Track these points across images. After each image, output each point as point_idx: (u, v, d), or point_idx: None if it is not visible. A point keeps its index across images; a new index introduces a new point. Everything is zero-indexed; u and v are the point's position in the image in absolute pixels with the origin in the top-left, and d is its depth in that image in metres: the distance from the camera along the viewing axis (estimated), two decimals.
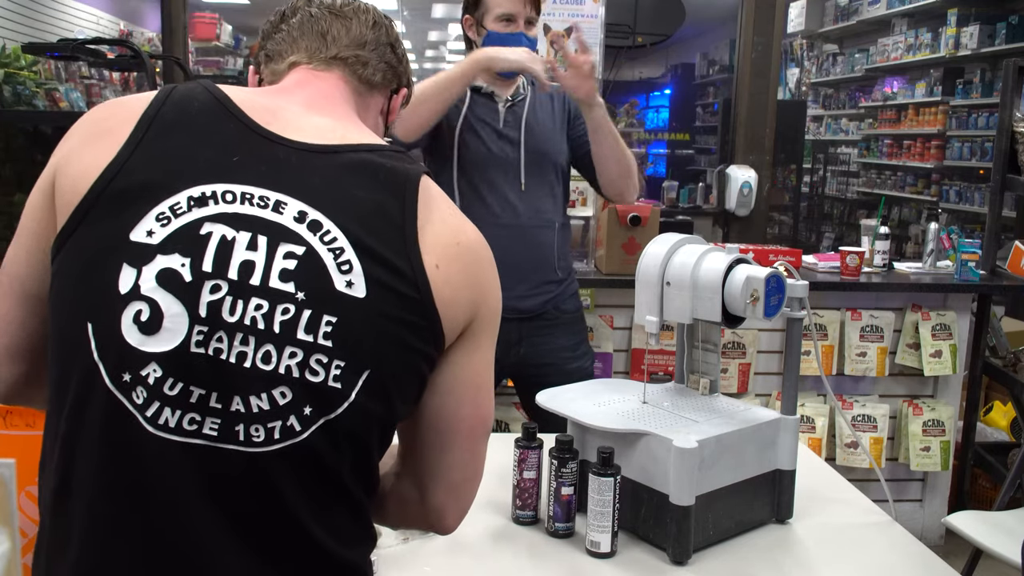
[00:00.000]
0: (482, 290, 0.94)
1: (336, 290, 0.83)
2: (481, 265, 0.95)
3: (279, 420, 0.82)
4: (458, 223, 0.94)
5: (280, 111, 0.93)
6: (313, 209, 0.85)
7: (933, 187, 6.88)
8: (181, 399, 0.81)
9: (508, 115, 2.23)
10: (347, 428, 0.85)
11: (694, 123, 8.26)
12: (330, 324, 0.83)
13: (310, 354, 0.82)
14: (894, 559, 1.40)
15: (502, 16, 2.17)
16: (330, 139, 0.91)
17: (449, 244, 0.91)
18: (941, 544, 3.07)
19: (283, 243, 0.83)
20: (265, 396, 0.82)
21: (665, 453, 1.32)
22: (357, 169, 0.90)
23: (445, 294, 0.89)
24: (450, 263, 0.90)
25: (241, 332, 0.81)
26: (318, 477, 0.86)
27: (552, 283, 2.27)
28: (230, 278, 0.82)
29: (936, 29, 6.63)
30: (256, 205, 0.84)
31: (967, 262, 3.07)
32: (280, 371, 0.82)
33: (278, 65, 1.02)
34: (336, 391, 0.83)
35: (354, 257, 0.85)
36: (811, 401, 3.12)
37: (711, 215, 4.36)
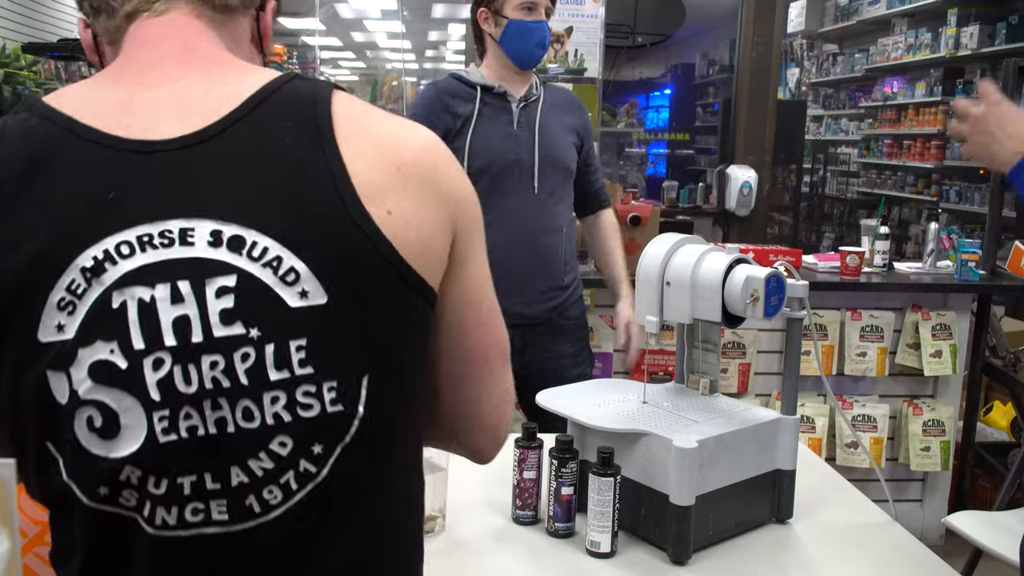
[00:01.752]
0: (449, 203, 0.79)
1: (292, 308, 0.70)
2: (437, 174, 0.78)
3: (290, 470, 0.72)
4: (392, 136, 0.77)
5: (135, 101, 0.73)
6: (225, 223, 0.70)
7: (933, 187, 6.88)
8: (173, 494, 0.70)
9: (522, 116, 2.21)
10: (371, 438, 0.75)
11: (694, 123, 8.26)
12: (301, 348, 0.70)
13: (294, 390, 0.71)
14: (894, 559, 1.40)
15: (526, 3, 2.14)
16: (208, 113, 0.73)
17: (390, 171, 0.75)
18: (941, 544, 3.07)
19: (209, 279, 0.69)
20: (264, 455, 0.71)
21: (665, 453, 1.32)
22: (256, 138, 0.73)
23: (413, 241, 0.74)
24: (402, 198, 0.75)
25: (207, 399, 0.69)
26: (357, 500, 0.76)
27: (559, 288, 2.26)
28: (168, 346, 0.68)
29: (936, 29, 6.63)
30: (160, 245, 0.69)
31: (967, 262, 3.07)
32: (269, 422, 0.70)
33: (111, 20, 0.80)
34: (340, 415, 0.72)
35: (296, 261, 0.70)
36: (811, 401, 3.12)
37: (711, 215, 4.36)
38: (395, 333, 0.76)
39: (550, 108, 2.24)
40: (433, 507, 1.41)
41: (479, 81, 2.21)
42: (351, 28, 8.37)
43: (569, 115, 2.29)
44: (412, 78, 7.08)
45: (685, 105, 8.37)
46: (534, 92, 2.24)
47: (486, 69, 2.24)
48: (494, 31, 2.18)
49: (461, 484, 1.52)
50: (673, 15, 5.62)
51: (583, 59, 3.77)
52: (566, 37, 3.74)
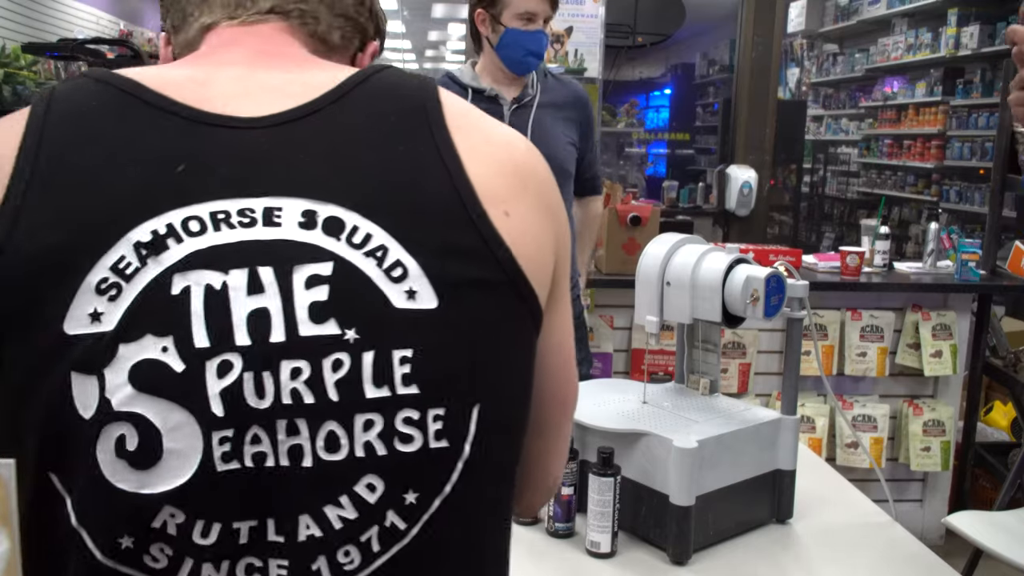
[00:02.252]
0: (555, 220, 0.69)
1: (397, 309, 0.57)
2: (546, 185, 0.69)
3: (375, 525, 0.57)
4: (501, 133, 0.68)
5: (213, 79, 0.64)
6: (320, 203, 0.58)
7: (933, 187, 6.88)
8: (225, 546, 0.55)
9: (513, 119, 2.19)
10: (474, 487, 0.61)
11: (694, 123, 8.27)
12: (406, 361, 0.57)
13: (393, 414, 0.57)
14: (894, 559, 1.39)
15: (524, 14, 2.13)
16: (300, 96, 0.63)
17: (507, 171, 0.65)
18: (941, 544, 3.07)
19: (298, 266, 0.56)
20: (347, 500, 0.56)
21: (665, 453, 1.32)
22: (356, 119, 0.62)
23: (529, 251, 0.63)
24: (518, 199, 0.64)
25: (284, 419, 0.55)
26: (449, 570, 0.63)
27: None
28: (240, 346, 0.55)
29: (936, 29, 6.63)
30: (239, 225, 0.56)
31: (967, 262, 3.07)
32: (358, 455, 0.56)
33: (186, 33, 0.71)
34: (443, 453, 0.59)
35: (404, 254, 0.58)
36: (811, 401, 3.12)
37: (711, 215, 4.37)
38: (507, 357, 0.63)
39: (546, 108, 2.23)
40: None
41: (470, 83, 2.20)
42: None
43: (568, 111, 2.27)
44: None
45: (685, 105, 8.37)
46: (529, 92, 2.23)
47: (481, 69, 2.23)
48: (491, 36, 2.17)
49: None
50: (673, 15, 5.62)
51: (583, 59, 3.77)
52: (566, 37, 3.74)
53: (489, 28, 2.17)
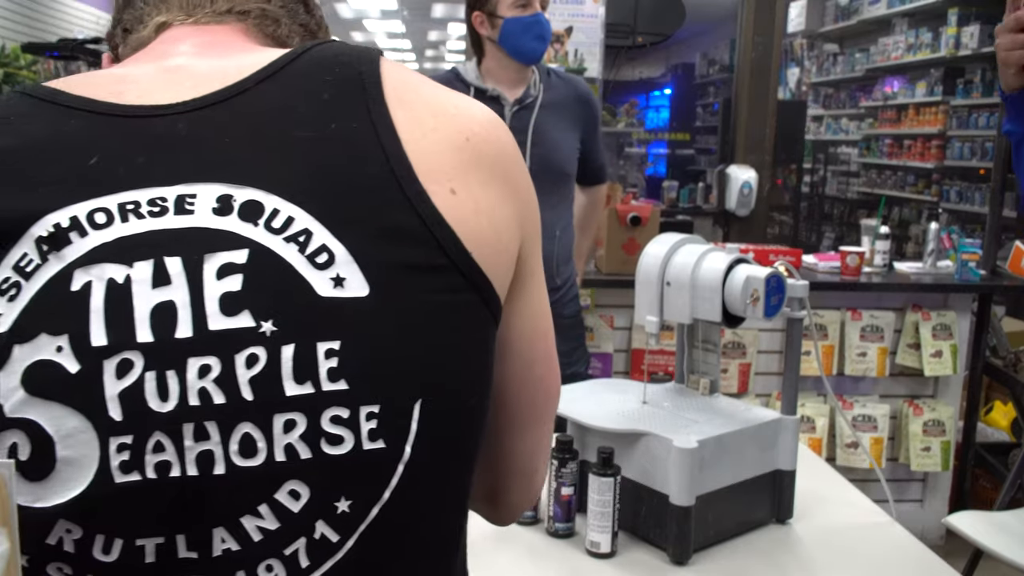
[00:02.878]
0: (519, 197, 0.63)
1: (322, 298, 0.52)
2: (507, 158, 0.63)
3: (300, 538, 0.52)
4: (454, 105, 0.62)
5: (133, 73, 0.60)
6: (238, 186, 0.53)
7: (933, 187, 6.88)
8: (129, 564, 0.50)
9: (515, 120, 2.18)
10: (418, 494, 0.56)
11: (694, 123, 8.27)
12: (333, 354, 0.51)
13: (319, 413, 0.51)
14: (894, 559, 1.39)
15: (519, 1, 2.12)
16: (229, 79, 0.59)
17: (456, 146, 0.59)
18: (941, 544, 3.07)
19: (210, 255, 0.51)
20: (266, 509, 0.51)
21: (665, 453, 1.32)
22: (286, 97, 0.58)
23: (482, 233, 0.58)
24: (471, 178, 0.59)
25: (190, 423, 0.49)
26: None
27: (549, 291, 2.25)
28: (142, 342, 0.49)
29: (936, 29, 6.63)
30: (148, 215, 0.52)
31: (967, 262, 3.07)
32: (278, 459, 0.51)
33: (139, 33, 0.67)
34: (380, 455, 0.53)
35: (330, 238, 0.53)
36: (811, 401, 3.12)
37: (711, 215, 4.37)
38: (455, 347, 0.57)
39: (549, 108, 2.21)
40: None
41: (473, 82, 2.20)
42: (351, 28, 8.37)
43: (571, 110, 2.26)
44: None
45: (685, 105, 8.38)
46: (531, 92, 2.22)
47: (484, 71, 2.22)
48: (491, 33, 2.16)
49: None
50: (673, 15, 5.61)
51: (583, 59, 3.77)
52: (566, 37, 3.75)
53: (488, 26, 2.16)
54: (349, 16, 8.09)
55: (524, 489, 0.73)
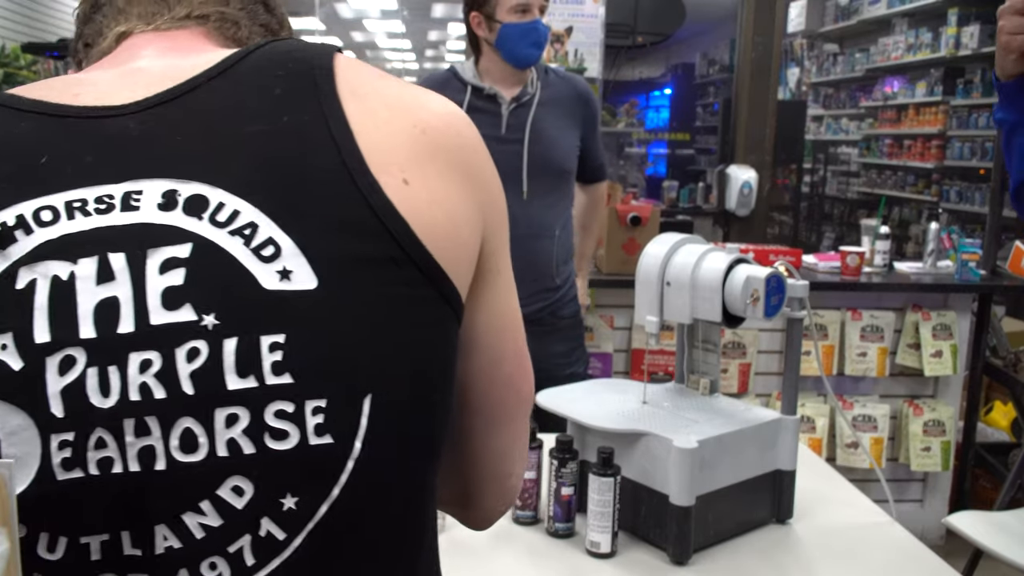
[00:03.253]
0: (480, 189, 0.62)
1: (267, 291, 0.51)
2: (466, 150, 0.63)
3: (246, 534, 0.51)
4: (412, 99, 0.61)
5: (90, 76, 0.61)
6: (183, 181, 0.53)
7: (933, 187, 6.88)
8: (75, 562, 0.49)
9: (512, 119, 2.17)
10: (371, 493, 0.54)
11: (694, 123, 8.27)
12: (277, 348, 0.51)
13: (262, 407, 0.50)
14: (894, 559, 1.39)
15: (518, 6, 2.11)
16: (179, 78, 0.59)
17: (410, 137, 0.59)
18: (941, 544, 3.07)
19: (153, 250, 0.51)
20: (208, 505, 0.50)
21: (665, 453, 1.32)
22: (237, 93, 0.58)
23: (436, 224, 0.57)
24: (423, 165, 0.58)
25: (131, 418, 0.49)
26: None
27: (549, 290, 2.25)
28: (85, 338, 0.49)
29: (936, 29, 6.63)
30: (94, 212, 0.52)
31: (967, 262, 3.07)
32: (220, 454, 0.50)
33: (100, 45, 0.68)
34: (328, 451, 0.52)
35: (276, 231, 0.53)
36: (811, 401, 3.12)
37: (711, 215, 4.37)
38: (409, 341, 0.56)
39: (547, 106, 2.21)
40: None
41: (471, 80, 2.19)
42: (351, 28, 8.38)
43: (570, 108, 2.25)
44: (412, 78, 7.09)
45: (685, 105, 8.38)
46: (529, 91, 2.21)
47: (482, 69, 2.22)
48: (488, 35, 2.15)
49: None
50: (673, 15, 5.62)
51: (583, 59, 3.77)
52: (566, 37, 3.75)
53: (485, 28, 2.15)
54: (349, 16, 8.10)
55: (498, 493, 0.72)
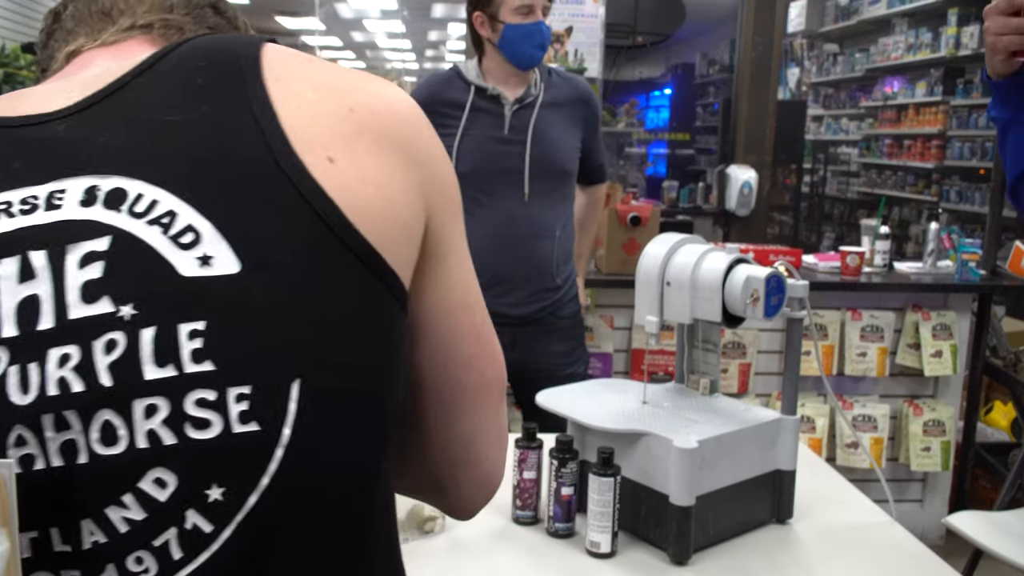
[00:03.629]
0: (420, 166, 0.61)
1: (186, 278, 0.51)
2: (403, 127, 0.61)
3: (171, 528, 0.49)
4: (343, 81, 0.61)
5: (32, 92, 0.62)
6: (106, 176, 0.53)
7: (933, 187, 6.88)
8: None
9: (514, 120, 2.17)
10: (308, 480, 0.53)
11: (694, 123, 8.27)
12: (197, 335, 0.50)
13: (182, 396, 0.49)
14: (894, 559, 1.39)
15: (522, 7, 2.11)
16: (111, 79, 0.59)
17: (338, 116, 0.58)
18: (941, 544, 3.07)
19: (72, 245, 0.51)
20: (131, 499, 0.49)
21: (665, 453, 1.32)
22: (161, 87, 0.58)
23: (367, 202, 0.56)
24: (351, 143, 0.57)
25: (50, 413, 0.48)
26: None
27: (549, 291, 2.24)
28: (7, 337, 0.49)
29: (936, 29, 6.63)
30: (18, 213, 0.52)
31: (967, 262, 3.07)
32: (140, 446, 0.49)
33: (53, 67, 0.70)
34: (254, 438, 0.50)
35: (196, 217, 0.52)
36: (811, 401, 3.12)
37: (711, 215, 4.37)
38: (340, 323, 0.54)
39: (549, 107, 2.21)
40: (433, 507, 1.41)
41: (474, 80, 2.19)
42: (351, 28, 8.38)
43: (572, 109, 2.25)
44: (412, 78, 7.09)
45: (685, 105, 8.38)
46: (532, 92, 2.21)
47: (484, 69, 2.22)
48: (491, 35, 2.15)
49: None
50: (673, 15, 5.62)
51: (583, 59, 3.77)
52: (566, 37, 3.75)
53: (489, 29, 2.15)
54: (349, 16, 8.10)
55: (472, 480, 0.70)
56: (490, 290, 2.23)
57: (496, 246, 2.15)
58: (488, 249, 2.16)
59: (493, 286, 2.18)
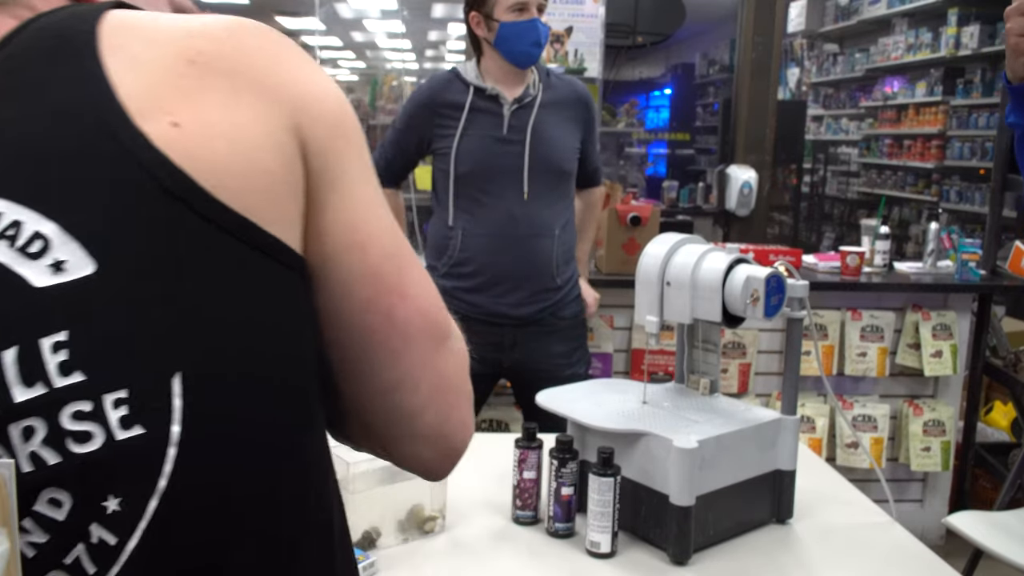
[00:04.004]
0: (284, 100, 0.55)
1: (39, 290, 0.47)
2: (258, 60, 0.55)
3: (79, 544, 0.47)
4: (183, 30, 0.54)
5: None
6: None
7: (933, 187, 6.88)
8: None
9: (513, 119, 2.19)
10: (215, 484, 0.50)
11: (694, 123, 8.27)
12: (61, 347, 0.47)
13: (57, 413, 0.46)
14: (894, 559, 1.39)
15: (516, 5, 2.12)
16: None
17: (177, 70, 0.52)
18: (941, 544, 3.07)
19: None
20: (31, 523, 0.47)
21: (665, 453, 1.32)
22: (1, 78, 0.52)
23: (221, 160, 0.51)
24: (199, 101, 0.52)
25: None
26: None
27: (550, 291, 2.25)
28: None
29: (936, 29, 6.63)
30: None
31: (967, 262, 3.07)
32: (26, 470, 0.46)
33: None
34: (142, 441, 0.48)
35: (43, 222, 0.48)
36: (811, 401, 3.12)
37: (711, 215, 4.37)
38: (218, 305, 0.50)
39: (548, 107, 2.22)
40: (433, 507, 1.41)
41: (473, 80, 2.20)
42: (351, 28, 8.38)
43: (570, 111, 2.26)
44: (412, 78, 7.08)
45: (685, 105, 8.38)
46: (530, 92, 2.22)
47: (483, 70, 2.23)
48: (487, 35, 2.17)
49: (461, 484, 1.52)
50: (673, 15, 5.62)
51: (583, 59, 3.77)
52: (566, 37, 3.74)
53: (485, 28, 2.17)
54: (349, 16, 8.10)
55: (414, 437, 0.63)
56: (491, 290, 2.27)
57: (496, 246, 2.16)
58: (488, 249, 2.16)
59: (493, 286, 2.19)
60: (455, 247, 2.18)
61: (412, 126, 2.23)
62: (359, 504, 1.33)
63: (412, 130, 2.24)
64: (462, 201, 2.17)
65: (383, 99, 5.65)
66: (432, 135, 2.20)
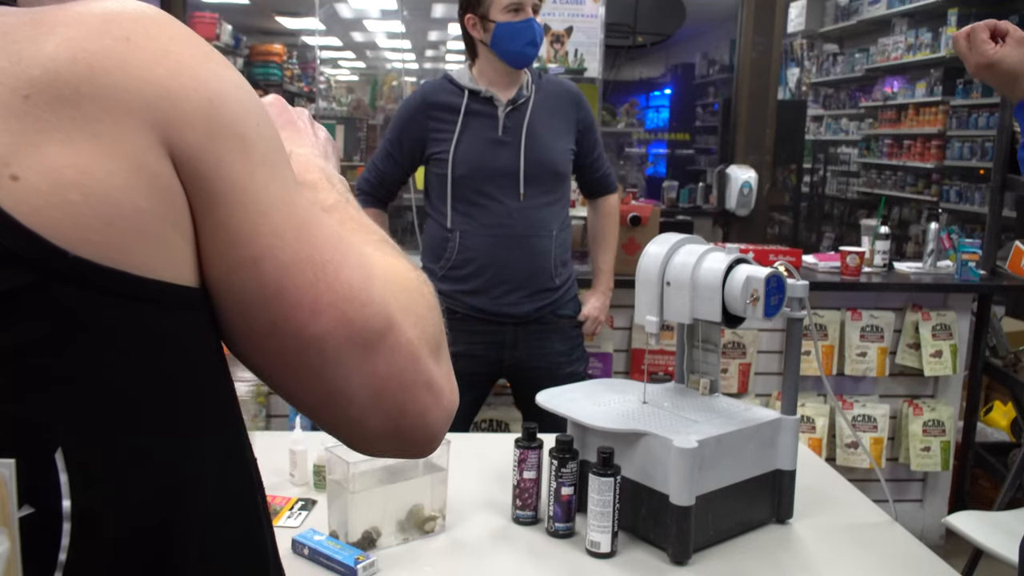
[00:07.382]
0: (148, 110, 0.47)
1: None
2: (103, 73, 0.46)
3: None
4: (16, 54, 0.46)
5: None
6: None
7: (933, 187, 6.88)
8: None
9: (508, 121, 2.20)
10: (107, 555, 0.48)
11: (694, 123, 8.26)
12: None
13: None
14: (894, 559, 1.39)
15: (511, 5, 2.13)
16: None
17: (10, 113, 0.44)
18: (941, 544, 3.07)
19: None
20: None
21: (665, 453, 1.32)
22: None
23: (74, 210, 0.44)
24: (37, 143, 0.45)
25: None
26: None
27: (549, 290, 2.26)
28: None
29: (936, 29, 6.63)
30: None
31: (967, 262, 3.07)
32: None
33: None
34: (35, 519, 0.45)
35: None
36: (811, 401, 3.12)
37: (711, 215, 4.36)
38: (97, 373, 0.46)
39: (542, 108, 2.23)
40: (433, 507, 1.41)
41: (467, 84, 2.21)
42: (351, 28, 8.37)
43: (564, 111, 2.27)
44: (412, 78, 7.09)
45: (685, 105, 8.37)
46: (523, 94, 2.23)
47: (478, 72, 2.23)
48: (483, 36, 2.17)
49: (461, 484, 1.52)
50: (673, 15, 5.62)
51: (583, 59, 3.77)
52: (566, 37, 3.74)
53: (480, 30, 2.18)
54: (349, 16, 8.09)
55: (368, 440, 0.59)
56: (490, 291, 2.28)
57: (494, 246, 2.17)
58: (487, 249, 2.17)
59: (493, 287, 2.19)
60: (453, 249, 2.18)
61: (407, 133, 2.23)
62: (359, 504, 1.33)
63: (407, 138, 2.23)
64: (459, 204, 2.18)
65: (383, 99, 5.65)
66: (427, 139, 2.20)
